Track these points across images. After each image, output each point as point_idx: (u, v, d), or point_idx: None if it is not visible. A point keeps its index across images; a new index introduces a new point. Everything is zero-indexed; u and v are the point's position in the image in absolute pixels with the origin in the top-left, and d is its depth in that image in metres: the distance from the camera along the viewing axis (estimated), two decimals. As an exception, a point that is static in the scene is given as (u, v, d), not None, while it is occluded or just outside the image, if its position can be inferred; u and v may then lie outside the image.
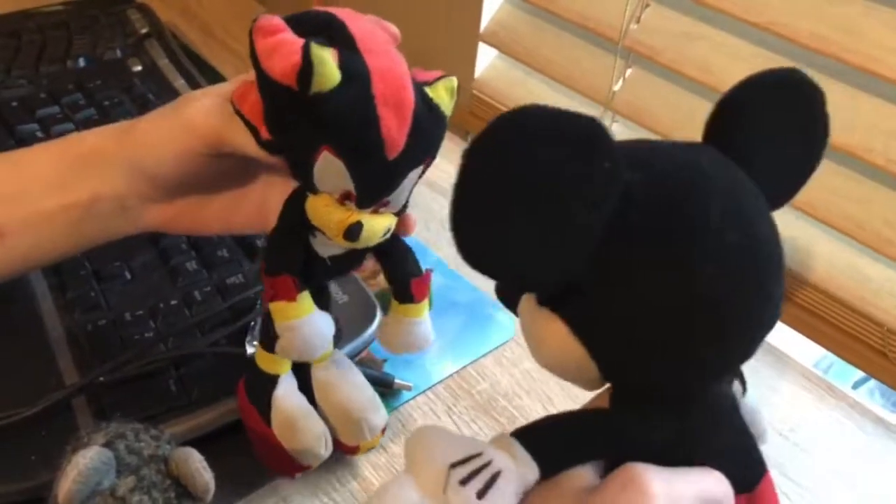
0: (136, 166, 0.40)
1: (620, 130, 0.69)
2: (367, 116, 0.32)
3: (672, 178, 0.26)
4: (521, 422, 0.49)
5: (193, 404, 0.44)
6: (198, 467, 0.34)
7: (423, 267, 0.41)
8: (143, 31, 0.80)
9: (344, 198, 0.34)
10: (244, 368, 0.42)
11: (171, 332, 0.49)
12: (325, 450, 0.40)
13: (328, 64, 0.31)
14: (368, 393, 0.43)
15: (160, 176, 0.40)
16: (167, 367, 0.46)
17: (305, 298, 0.37)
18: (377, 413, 0.42)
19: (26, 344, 0.48)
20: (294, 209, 0.37)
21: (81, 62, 0.75)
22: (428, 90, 0.34)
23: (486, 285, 0.60)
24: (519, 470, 0.26)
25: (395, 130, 0.32)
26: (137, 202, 0.41)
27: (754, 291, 0.26)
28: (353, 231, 0.35)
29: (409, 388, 0.51)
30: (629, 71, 0.65)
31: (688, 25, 0.60)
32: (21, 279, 0.51)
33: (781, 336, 0.60)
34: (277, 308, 0.37)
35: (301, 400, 0.41)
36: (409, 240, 0.39)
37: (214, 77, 0.79)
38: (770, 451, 0.51)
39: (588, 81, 0.67)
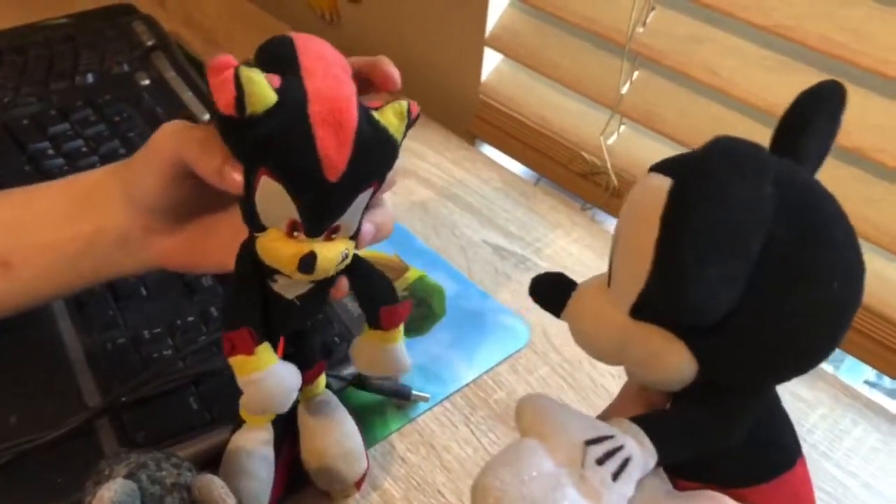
0: (131, 198, 0.40)
1: (629, 134, 0.69)
2: (301, 136, 0.31)
3: (801, 202, 0.27)
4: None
5: (215, 421, 0.45)
6: (220, 493, 0.34)
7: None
8: (150, 43, 0.81)
9: (291, 229, 0.34)
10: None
11: (190, 349, 0.49)
12: None
13: (257, 83, 0.30)
14: (349, 444, 0.42)
15: (152, 205, 0.40)
16: (187, 384, 0.47)
17: (265, 350, 0.36)
18: (350, 466, 0.43)
19: (47, 365, 0.48)
20: (246, 258, 0.36)
21: (90, 78, 0.75)
22: (375, 113, 0.33)
23: (498, 293, 0.61)
24: (644, 457, 0.27)
25: (334, 150, 0.32)
26: (140, 235, 0.41)
27: (858, 301, 0.27)
28: (307, 262, 0.34)
29: (426, 400, 0.52)
30: (636, 74, 0.65)
31: (694, 28, 0.60)
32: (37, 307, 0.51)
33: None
34: (236, 363, 0.36)
35: (249, 457, 0.40)
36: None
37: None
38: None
39: (595, 85, 0.67)
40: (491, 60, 0.77)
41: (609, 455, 0.26)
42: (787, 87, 0.29)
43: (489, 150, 0.81)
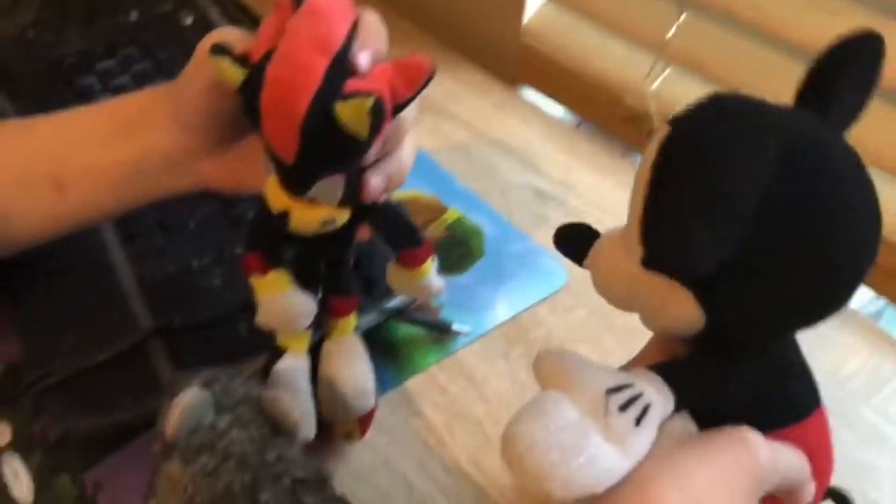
0: (176, 120, 0.41)
1: (673, 78, 0.69)
2: (255, 119, 0.34)
3: (808, 154, 0.26)
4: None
5: (262, 348, 0.46)
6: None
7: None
8: (193, -18, 0.81)
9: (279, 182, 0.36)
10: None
11: (236, 279, 0.50)
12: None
13: (222, 70, 0.34)
14: (361, 380, 0.43)
15: (197, 122, 0.41)
16: (235, 313, 0.48)
17: (280, 276, 0.39)
18: (358, 399, 0.43)
19: (101, 292, 0.50)
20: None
21: (133, 16, 0.76)
22: (338, 106, 0.32)
23: (538, 235, 0.61)
24: (663, 403, 0.28)
25: (279, 139, 0.33)
26: (185, 158, 0.42)
27: (871, 256, 0.27)
28: (282, 219, 0.36)
29: (466, 333, 0.53)
30: (683, 17, 0.64)
31: (744, -31, 0.59)
32: (92, 231, 0.53)
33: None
34: (253, 282, 0.39)
35: (296, 379, 0.42)
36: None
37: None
38: (828, 400, 0.52)
39: (640, 28, 0.66)
40: (533, 3, 0.76)
41: (630, 402, 0.27)
42: (839, 31, 0.29)
43: (531, 94, 0.81)
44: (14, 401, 0.46)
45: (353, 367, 0.43)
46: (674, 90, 0.68)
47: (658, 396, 0.28)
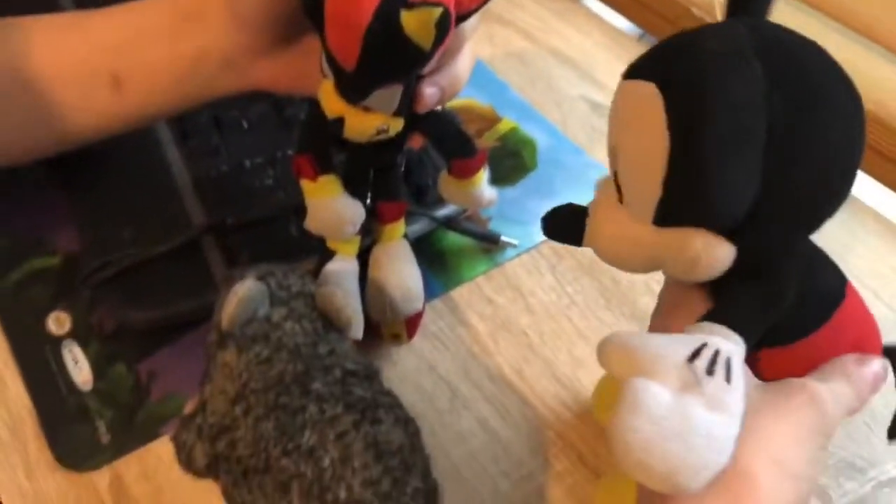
0: (234, 16, 0.41)
1: None
2: (319, 25, 0.33)
3: (783, 61, 0.26)
4: (625, 284, 0.51)
5: (314, 249, 0.47)
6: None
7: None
8: None
9: (335, 88, 0.35)
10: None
11: (289, 181, 0.51)
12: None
13: None
14: (409, 281, 0.43)
15: (256, 20, 0.41)
16: (288, 213, 0.48)
17: (330, 181, 0.39)
18: (406, 300, 0.43)
19: (157, 189, 0.51)
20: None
21: None
22: (403, 15, 0.31)
23: (592, 149, 0.60)
24: (738, 350, 0.27)
25: (341, 47, 0.32)
26: (243, 58, 0.42)
27: (862, 130, 0.27)
28: (336, 125, 0.36)
29: (514, 246, 0.53)
30: None
31: None
32: (147, 130, 0.53)
33: (891, 206, 0.58)
34: (303, 186, 0.40)
35: (342, 280, 0.42)
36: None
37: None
38: (881, 326, 0.51)
39: None
40: None
41: (713, 362, 0.26)
42: None
43: (592, 3, 0.77)
44: (73, 291, 0.48)
45: (401, 269, 0.43)
46: None
47: (730, 345, 0.27)
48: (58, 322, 0.46)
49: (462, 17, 0.34)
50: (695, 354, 0.26)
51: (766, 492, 0.26)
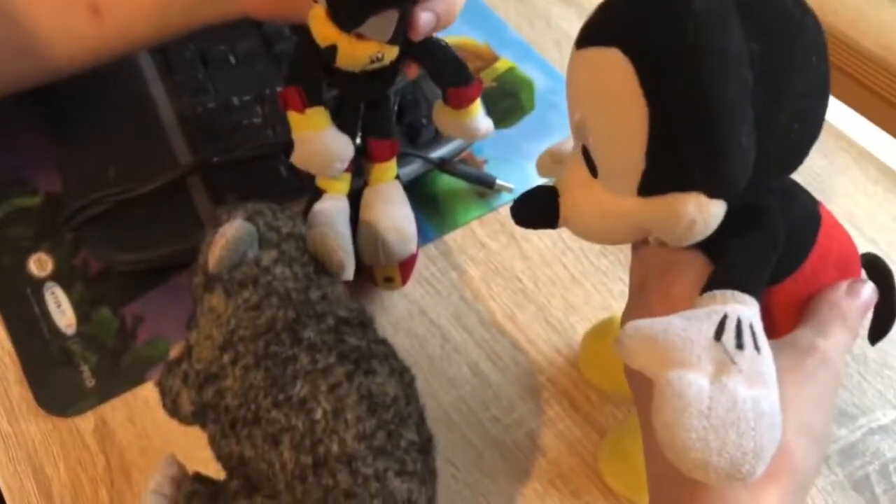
0: None
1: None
2: None
3: (753, 7, 0.25)
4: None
5: (303, 189, 0.45)
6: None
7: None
8: None
9: (328, 14, 0.34)
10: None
11: (278, 118, 0.49)
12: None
13: None
14: (402, 223, 0.42)
15: None
16: (277, 152, 0.47)
17: (318, 113, 0.38)
18: (400, 242, 0.42)
19: (141, 125, 0.49)
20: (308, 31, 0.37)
21: None
22: None
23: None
24: (755, 312, 0.26)
25: None
26: None
27: (827, 50, 0.27)
28: (329, 52, 0.35)
29: (509, 190, 0.51)
30: None
31: None
32: (130, 61, 0.51)
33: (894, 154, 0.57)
34: (291, 118, 0.38)
35: (332, 219, 0.41)
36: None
37: None
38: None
39: None
40: None
41: (738, 333, 0.25)
42: None
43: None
44: (55, 232, 0.46)
45: (394, 211, 0.42)
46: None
47: (747, 308, 0.26)
48: (39, 264, 0.45)
49: None
50: (720, 330, 0.25)
51: (799, 460, 0.26)
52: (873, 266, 0.33)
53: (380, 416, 0.32)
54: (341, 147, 0.39)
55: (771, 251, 0.28)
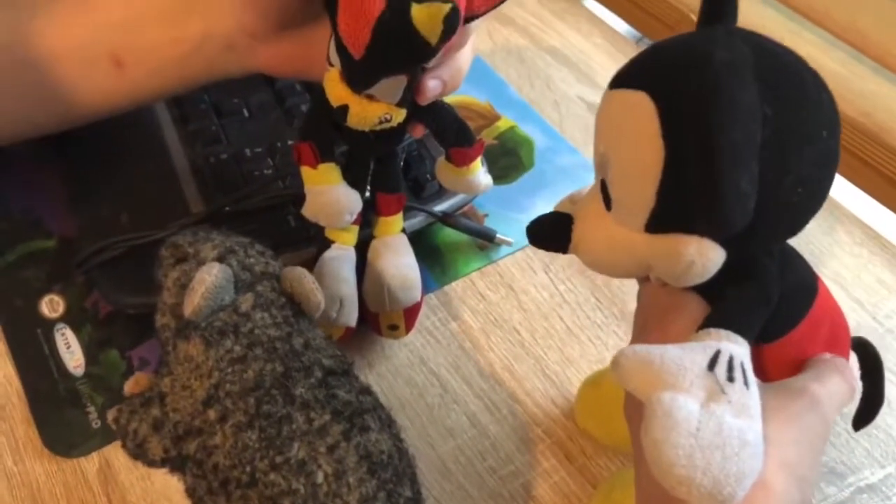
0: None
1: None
2: (332, 12, 0.34)
3: (773, 72, 0.26)
4: (615, 284, 0.51)
5: (311, 239, 0.47)
6: (312, 288, 0.35)
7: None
8: None
9: (341, 76, 0.36)
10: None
11: (289, 170, 0.51)
12: (336, 314, 0.42)
13: None
14: (407, 271, 0.43)
15: (261, 4, 0.41)
16: (286, 202, 0.49)
17: (330, 170, 0.40)
18: (405, 290, 0.43)
19: (155, 173, 0.51)
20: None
21: None
22: (414, 7, 0.32)
23: (588, 150, 0.60)
24: (747, 353, 0.28)
25: (351, 34, 0.33)
26: (245, 41, 0.42)
27: (840, 128, 0.28)
28: (340, 112, 0.37)
29: (509, 244, 0.53)
30: None
31: None
32: (147, 110, 0.53)
33: (881, 219, 0.59)
34: (303, 172, 0.40)
35: (340, 266, 0.42)
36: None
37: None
38: (862, 334, 0.51)
39: None
40: None
41: (730, 368, 0.26)
42: None
43: (592, 5, 0.78)
44: (68, 275, 0.47)
45: (399, 260, 0.43)
46: (742, 10, 0.65)
47: (740, 348, 0.27)
48: (51, 305, 0.46)
49: (471, 18, 0.35)
50: (713, 362, 0.26)
51: (778, 494, 0.27)
52: (863, 351, 0.35)
53: (379, 477, 0.31)
54: (351, 201, 0.41)
55: (763, 306, 0.29)
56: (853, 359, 0.35)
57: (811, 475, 0.29)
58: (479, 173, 0.43)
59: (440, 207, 0.51)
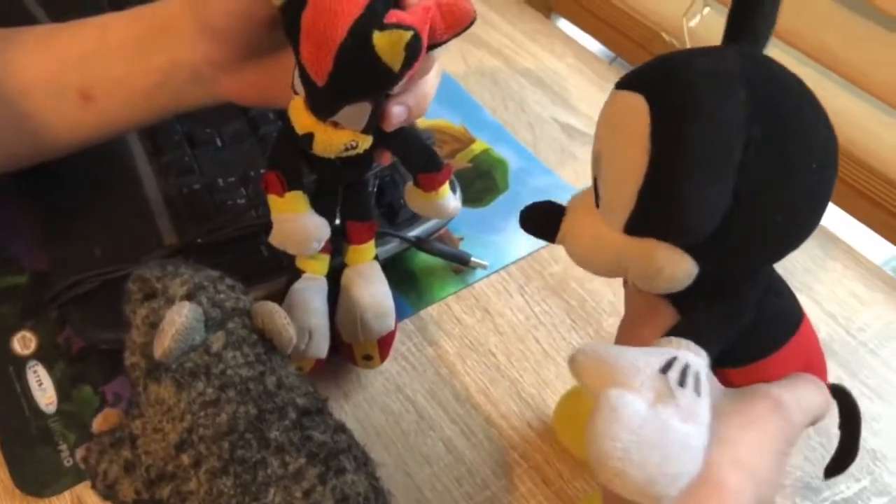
0: (204, 28, 0.41)
1: (712, 17, 0.67)
2: (294, 38, 0.34)
3: (768, 93, 0.27)
4: (591, 305, 0.51)
5: (283, 268, 0.47)
6: (283, 323, 0.35)
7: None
8: None
9: (306, 104, 0.36)
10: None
11: (262, 199, 0.51)
12: (306, 346, 0.41)
13: None
14: (380, 300, 0.43)
15: (225, 34, 0.41)
16: (259, 232, 0.49)
17: (296, 198, 0.40)
18: (378, 319, 0.43)
19: (128, 205, 0.51)
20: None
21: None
22: (375, 35, 0.32)
23: (563, 171, 0.61)
24: (704, 364, 0.28)
25: (314, 61, 0.33)
26: (212, 71, 0.42)
27: (836, 170, 0.28)
28: (306, 140, 0.37)
29: (484, 267, 0.53)
30: (706, 10, 0.62)
31: None
32: (119, 141, 0.53)
33: (853, 233, 0.59)
34: (270, 201, 0.40)
35: (310, 297, 0.42)
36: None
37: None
38: (836, 347, 0.52)
39: (662, 16, 0.64)
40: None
41: (684, 374, 0.27)
42: None
43: (565, 25, 0.79)
44: (40, 310, 0.47)
45: (372, 289, 0.43)
46: (712, 29, 0.66)
47: (697, 358, 0.28)
48: (23, 342, 0.46)
49: (434, 46, 0.35)
50: (667, 367, 0.27)
51: (731, 496, 0.27)
52: (842, 399, 0.35)
53: None
54: (317, 228, 0.41)
55: (731, 325, 0.30)
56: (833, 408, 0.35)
57: (771, 477, 0.29)
58: (448, 198, 0.43)
59: (414, 232, 0.51)
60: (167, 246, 0.48)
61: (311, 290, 0.43)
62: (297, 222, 0.40)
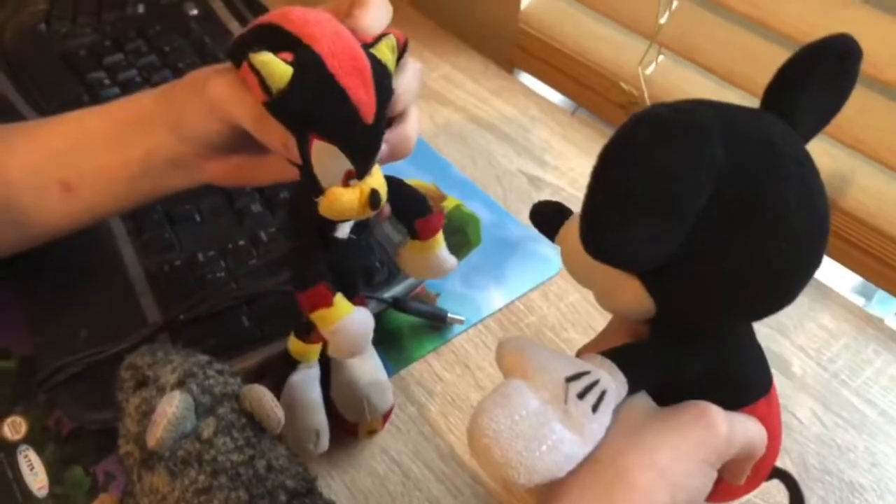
0: (177, 132, 0.42)
1: (667, 64, 0.69)
2: (333, 93, 0.33)
3: (754, 162, 0.27)
4: (572, 349, 0.52)
5: (266, 338, 0.48)
6: (272, 406, 0.35)
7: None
8: (195, -28, 0.82)
9: (347, 178, 0.35)
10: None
11: (241, 271, 0.52)
12: (314, 446, 0.42)
13: (268, 62, 0.32)
14: (379, 376, 0.45)
15: (202, 142, 0.42)
16: (240, 304, 0.50)
17: (341, 300, 0.37)
18: (381, 396, 0.44)
19: (111, 285, 0.52)
20: (307, 221, 0.38)
21: (140, 8, 0.77)
22: (374, 51, 0.35)
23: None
24: (618, 388, 0.30)
25: (364, 95, 0.34)
26: (191, 160, 0.43)
27: (814, 259, 0.29)
28: (375, 199, 0.36)
29: (461, 322, 0.55)
30: (675, 3, 0.65)
31: (737, -43, 0.59)
32: (101, 225, 0.55)
33: (823, 267, 0.61)
34: (318, 317, 0.37)
35: (310, 391, 0.43)
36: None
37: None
38: (808, 380, 0.53)
39: (634, 14, 0.67)
40: (531, -12, 0.77)
41: (588, 389, 0.29)
42: (831, 22, 0.29)
43: (527, 79, 0.81)
44: (29, 394, 0.48)
45: (368, 366, 0.44)
46: (667, 76, 0.69)
47: (613, 382, 0.29)
48: (13, 427, 0.47)
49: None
50: (576, 377, 0.29)
51: (641, 494, 0.29)
52: (789, 482, 0.38)
53: None
54: (368, 318, 0.39)
55: (665, 370, 0.31)
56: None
57: (688, 483, 0.30)
58: (444, 248, 0.43)
59: (391, 293, 0.53)
60: (150, 324, 0.49)
61: (309, 383, 0.44)
62: (356, 321, 0.38)
